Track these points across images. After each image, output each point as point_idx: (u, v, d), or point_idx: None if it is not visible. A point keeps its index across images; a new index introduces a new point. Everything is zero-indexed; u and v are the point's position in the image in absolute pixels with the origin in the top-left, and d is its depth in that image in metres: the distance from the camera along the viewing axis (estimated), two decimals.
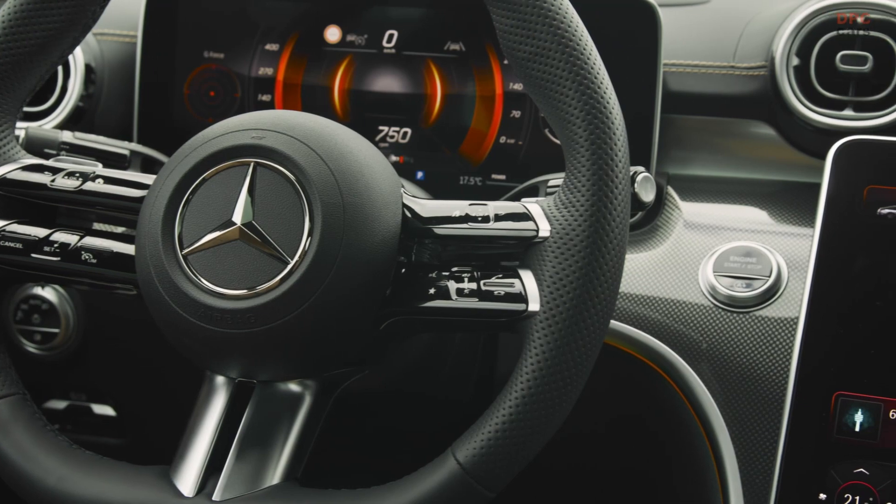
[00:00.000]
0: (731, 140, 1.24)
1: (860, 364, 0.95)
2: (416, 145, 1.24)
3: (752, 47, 1.19)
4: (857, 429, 0.93)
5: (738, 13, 1.25)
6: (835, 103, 1.14)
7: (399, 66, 1.24)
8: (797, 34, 1.15)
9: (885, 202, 1.01)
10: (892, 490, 0.90)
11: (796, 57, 1.15)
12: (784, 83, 1.15)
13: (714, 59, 1.22)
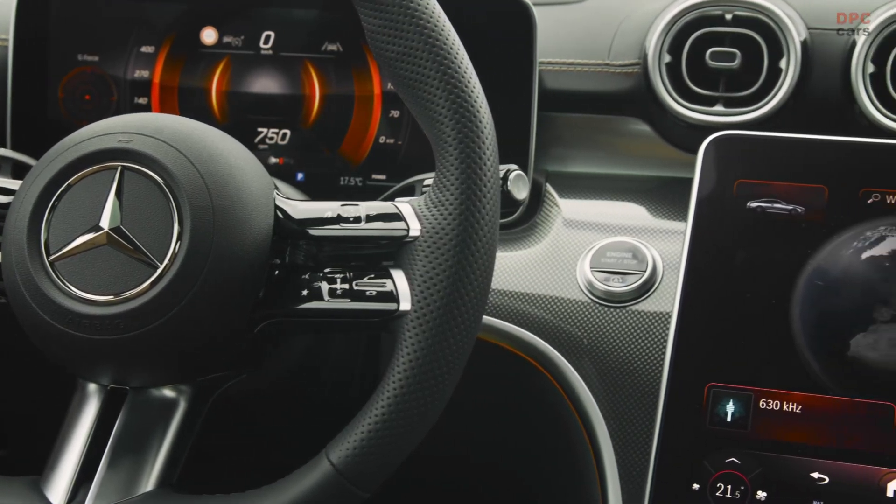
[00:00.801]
0: (608, 137, 1.25)
1: (732, 355, 0.97)
2: (295, 146, 1.24)
3: (626, 45, 1.21)
4: (729, 419, 0.95)
5: (613, 11, 1.27)
6: (706, 99, 1.16)
7: (277, 68, 1.24)
8: (668, 32, 1.17)
9: (755, 196, 1.03)
10: (762, 478, 0.92)
11: (668, 54, 1.17)
12: (657, 80, 1.16)
13: (589, 58, 1.23)
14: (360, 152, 1.22)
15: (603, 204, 1.20)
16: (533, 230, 1.17)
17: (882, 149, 1.04)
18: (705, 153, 1.05)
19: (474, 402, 1.15)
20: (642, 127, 1.22)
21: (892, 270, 0.97)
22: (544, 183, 1.21)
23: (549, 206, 1.19)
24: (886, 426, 0.92)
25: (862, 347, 0.95)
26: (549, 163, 1.24)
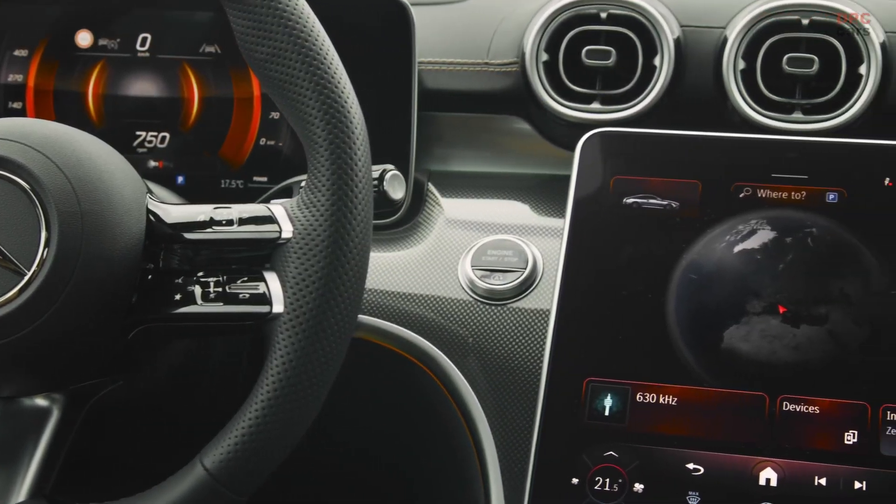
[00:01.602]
0: (489, 136, 1.26)
1: (609, 350, 0.98)
2: (175, 149, 1.22)
3: (505, 45, 1.22)
4: (607, 413, 0.96)
5: (492, 11, 1.27)
6: (584, 97, 1.17)
7: (154, 70, 1.22)
8: (545, 31, 1.17)
9: (631, 192, 1.04)
10: (639, 471, 0.93)
11: (545, 53, 1.17)
12: (534, 79, 1.17)
13: (469, 57, 1.23)
14: (240, 154, 1.21)
15: (485, 202, 1.21)
16: (415, 230, 1.17)
17: (753, 144, 1.06)
18: (582, 150, 1.07)
19: (359, 402, 1.15)
20: (523, 125, 1.23)
21: (764, 263, 0.99)
22: (426, 182, 1.21)
23: (431, 205, 1.19)
24: (759, 416, 0.94)
25: (735, 339, 0.97)
26: (431, 162, 1.25)
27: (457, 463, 1.08)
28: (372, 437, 1.25)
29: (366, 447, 1.27)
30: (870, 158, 1.02)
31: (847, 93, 1.11)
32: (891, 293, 0.96)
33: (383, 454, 1.27)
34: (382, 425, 1.23)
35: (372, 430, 1.24)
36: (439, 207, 1.18)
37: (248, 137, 1.21)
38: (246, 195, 1.21)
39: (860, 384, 0.94)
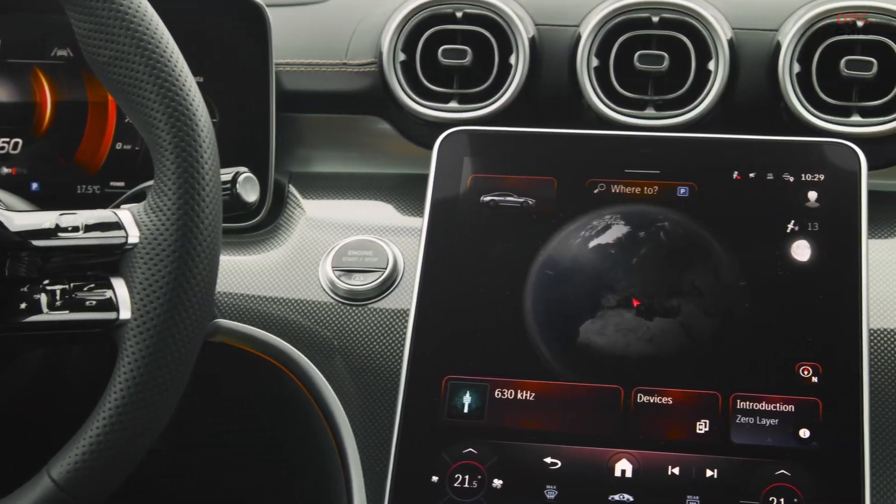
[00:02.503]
0: (350, 136, 1.25)
1: (468, 348, 0.98)
2: (28, 155, 1.20)
3: (363, 45, 1.22)
4: (466, 410, 0.97)
5: (352, 12, 1.27)
6: (441, 96, 1.17)
7: (4, 75, 1.20)
8: (401, 31, 1.18)
9: (488, 189, 1.05)
10: (498, 466, 0.94)
11: (402, 53, 1.18)
12: (392, 78, 1.17)
13: (328, 58, 1.23)
14: (96, 159, 1.19)
15: (347, 203, 1.21)
16: (276, 232, 1.16)
17: (607, 140, 1.07)
18: (439, 149, 1.07)
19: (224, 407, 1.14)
20: (383, 125, 1.23)
21: (618, 257, 1.01)
22: (287, 184, 1.20)
23: (292, 207, 1.18)
24: (614, 408, 0.95)
25: (590, 333, 0.98)
26: (292, 164, 1.24)
27: (321, 465, 1.08)
28: (237, 442, 1.24)
29: (231, 451, 1.26)
30: (719, 152, 1.04)
31: (697, 89, 1.13)
32: (740, 285, 0.98)
33: (248, 458, 1.26)
34: (247, 429, 1.22)
35: (237, 435, 1.23)
36: (301, 209, 1.18)
37: (104, 142, 1.19)
38: (102, 201, 1.18)
39: (711, 374, 0.95)
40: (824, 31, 1.12)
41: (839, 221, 0.99)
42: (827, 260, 0.98)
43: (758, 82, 1.14)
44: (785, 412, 0.93)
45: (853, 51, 1.12)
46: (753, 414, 0.93)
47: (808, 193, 1.00)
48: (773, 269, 0.98)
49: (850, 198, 1.00)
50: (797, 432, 0.92)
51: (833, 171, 1.01)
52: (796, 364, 0.94)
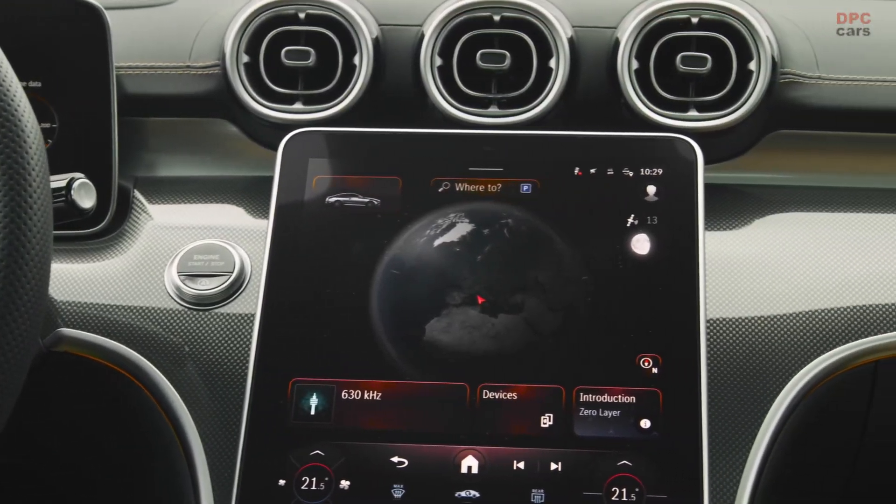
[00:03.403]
0: (197, 139, 1.24)
1: (315, 350, 0.98)
2: None
3: (207, 47, 1.20)
4: (313, 412, 0.96)
5: (197, 14, 1.26)
6: (286, 98, 1.17)
7: None
8: (244, 32, 1.17)
9: (333, 190, 1.05)
10: (345, 467, 0.94)
11: (246, 55, 1.17)
12: (235, 80, 1.17)
13: (172, 60, 1.21)
14: None
15: (194, 207, 1.19)
16: (121, 239, 1.14)
17: (450, 139, 1.08)
18: (284, 151, 1.07)
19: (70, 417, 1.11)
20: (230, 128, 1.22)
21: (463, 255, 1.01)
22: (132, 189, 1.18)
23: (137, 213, 1.17)
24: (460, 406, 0.96)
25: (436, 332, 0.98)
26: (138, 169, 1.22)
27: (170, 474, 1.06)
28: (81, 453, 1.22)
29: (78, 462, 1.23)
30: (561, 149, 1.05)
31: (539, 87, 1.15)
32: (582, 279, 0.99)
33: (96, 468, 1.24)
34: (93, 441, 1.20)
35: (84, 444, 1.21)
36: (146, 215, 1.16)
37: None
38: None
39: (555, 368, 0.97)
40: (661, 27, 1.14)
41: (677, 214, 1.01)
42: (665, 253, 1.00)
43: (598, 79, 1.16)
44: (626, 404, 0.95)
45: (689, 47, 1.14)
46: (596, 406, 0.95)
47: (646, 188, 1.02)
48: (614, 263, 1.00)
49: (687, 191, 1.02)
50: (638, 423, 0.94)
51: (671, 166, 1.03)
52: (637, 356, 0.96)
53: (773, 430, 0.99)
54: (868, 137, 1.20)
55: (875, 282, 1.06)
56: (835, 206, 1.17)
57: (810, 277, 1.06)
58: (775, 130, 1.18)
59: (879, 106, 1.17)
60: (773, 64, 1.13)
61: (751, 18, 1.14)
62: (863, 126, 1.19)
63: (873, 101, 1.16)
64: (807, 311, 1.04)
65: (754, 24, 1.14)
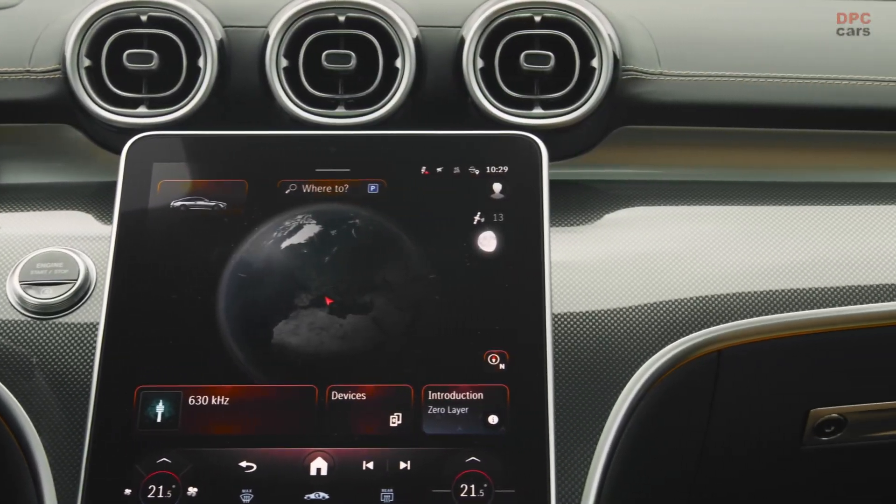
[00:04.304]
0: (41, 145, 1.22)
1: (160, 356, 0.97)
2: None
3: (48, 51, 1.18)
4: (159, 419, 0.95)
5: (40, 17, 1.23)
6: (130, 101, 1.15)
7: None
8: (84, 35, 1.15)
9: (179, 195, 1.03)
10: (193, 474, 0.93)
11: (87, 58, 1.15)
12: (77, 84, 1.14)
13: (10, 65, 1.18)
14: None
15: (38, 215, 1.17)
16: None
17: (296, 140, 1.08)
18: (127, 156, 1.05)
19: None
20: (76, 133, 1.20)
21: (310, 257, 1.01)
22: None
23: None
24: (309, 408, 0.96)
25: (284, 334, 0.98)
26: None
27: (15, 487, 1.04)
28: None
29: None
30: (407, 149, 1.06)
31: (386, 87, 1.15)
32: (429, 278, 1.00)
33: None
34: None
35: None
36: None
37: None
38: None
39: (404, 367, 0.97)
40: (505, 26, 1.15)
41: (522, 211, 1.02)
42: (512, 249, 1.01)
43: (445, 78, 1.17)
44: (474, 400, 0.95)
45: (533, 45, 1.15)
46: (444, 404, 0.95)
47: (492, 185, 1.03)
48: (462, 261, 1.00)
49: (532, 188, 1.03)
50: (486, 419, 0.95)
51: (516, 163, 1.04)
52: (485, 352, 0.97)
53: (619, 422, 1.00)
54: (711, 132, 1.23)
55: (716, 273, 1.08)
56: (679, 200, 1.19)
57: (654, 270, 1.08)
58: (620, 126, 1.20)
59: (719, 100, 1.19)
60: (615, 61, 1.15)
61: (592, 17, 1.15)
62: (705, 120, 1.21)
63: (713, 95, 1.19)
64: (651, 304, 1.06)
65: (596, 22, 1.15)
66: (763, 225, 1.14)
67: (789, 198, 1.19)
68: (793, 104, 1.20)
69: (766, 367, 1.11)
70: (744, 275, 1.09)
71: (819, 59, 1.23)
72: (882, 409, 1.20)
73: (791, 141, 1.23)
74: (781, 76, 1.20)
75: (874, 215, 1.16)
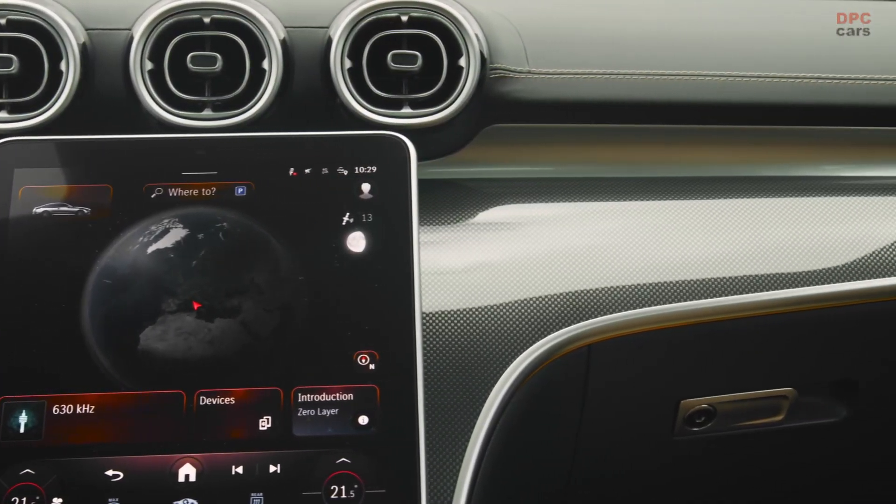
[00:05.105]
0: None
1: (24, 366, 0.95)
2: None
3: None
4: (22, 430, 0.93)
5: None
6: None
7: None
8: None
9: (41, 201, 1.01)
10: (58, 485, 0.91)
11: None
12: None
13: None
14: None
15: None
16: None
17: (162, 144, 1.06)
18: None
19: None
20: None
21: (177, 261, 1.00)
22: None
23: None
24: (177, 414, 0.95)
25: (151, 340, 0.97)
26: None
27: None
28: None
29: None
30: (275, 150, 1.05)
31: (253, 88, 1.14)
32: (298, 279, 0.99)
33: None
34: None
35: None
36: None
37: None
38: None
39: (273, 370, 0.96)
40: (372, 26, 1.15)
41: (391, 211, 1.02)
42: (381, 249, 1.01)
43: (314, 79, 1.16)
44: (344, 401, 0.95)
45: (401, 45, 1.15)
46: (314, 406, 0.95)
47: (361, 186, 1.03)
48: (331, 262, 1.00)
49: (401, 188, 1.03)
50: (356, 420, 0.95)
51: (384, 163, 1.04)
52: (355, 353, 0.97)
53: (491, 418, 1.01)
54: (582, 129, 1.24)
55: (587, 269, 1.09)
56: (550, 198, 1.20)
57: (525, 267, 1.09)
58: (490, 125, 1.20)
59: (587, 97, 1.21)
60: (483, 60, 1.16)
61: (459, 16, 1.16)
62: (574, 118, 1.22)
63: (581, 93, 1.20)
64: (522, 300, 1.07)
65: (462, 21, 1.16)
66: (633, 220, 1.16)
67: (659, 193, 1.21)
68: (659, 100, 1.22)
69: (636, 361, 1.13)
70: (614, 270, 1.10)
71: (688, 56, 1.25)
72: (749, 399, 1.23)
73: (660, 136, 1.25)
74: (648, 73, 1.22)
75: (743, 209, 1.18)
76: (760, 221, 1.18)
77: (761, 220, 1.18)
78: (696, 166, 1.27)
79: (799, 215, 1.20)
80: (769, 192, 1.22)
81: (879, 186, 1.25)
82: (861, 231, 1.18)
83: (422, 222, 1.10)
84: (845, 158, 1.28)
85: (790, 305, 1.12)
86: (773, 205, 1.20)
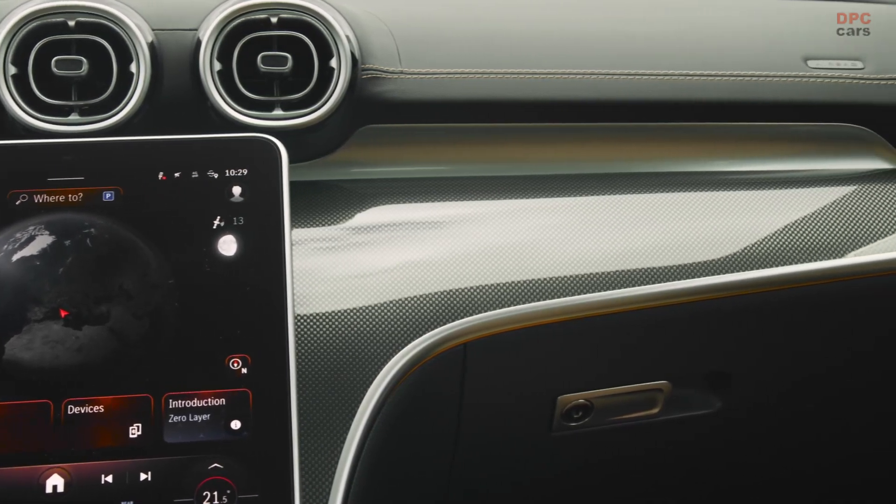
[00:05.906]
0: None
1: None
2: None
3: None
4: None
5: None
6: None
7: None
8: None
9: None
10: None
11: None
12: None
13: None
14: None
15: None
16: None
17: (26, 150, 1.04)
18: None
19: None
20: None
21: (43, 269, 0.98)
22: None
23: None
24: (44, 424, 0.93)
25: (17, 349, 0.95)
26: None
27: None
28: None
29: None
30: (143, 154, 1.04)
31: (120, 93, 1.12)
32: (168, 283, 0.98)
33: None
34: None
35: None
36: None
37: None
38: None
39: (143, 376, 0.95)
40: (241, 28, 1.15)
41: (263, 214, 1.01)
42: (252, 252, 1.00)
43: (184, 82, 1.15)
44: (216, 406, 0.94)
45: (271, 47, 1.15)
46: (186, 412, 0.94)
47: (232, 189, 1.02)
48: (202, 266, 0.99)
49: (272, 190, 1.03)
50: (229, 424, 0.94)
51: (255, 166, 1.03)
52: (226, 357, 0.96)
53: (367, 419, 1.01)
54: (457, 128, 1.25)
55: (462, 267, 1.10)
56: (427, 197, 1.21)
57: (400, 267, 1.09)
58: (364, 125, 1.20)
59: (459, 97, 1.21)
60: (354, 61, 1.15)
61: (329, 17, 1.15)
62: (447, 117, 1.23)
63: (453, 92, 1.21)
64: (397, 300, 1.07)
65: (332, 22, 1.15)
66: (508, 219, 1.17)
67: (535, 191, 1.22)
68: (531, 99, 1.23)
69: (512, 358, 1.14)
70: (489, 269, 1.11)
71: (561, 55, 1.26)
72: (625, 393, 1.24)
73: (536, 134, 1.26)
74: (520, 72, 1.23)
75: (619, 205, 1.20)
76: (635, 218, 1.19)
77: (636, 217, 1.20)
78: (578, 163, 1.28)
79: (674, 211, 1.21)
80: (641, 189, 1.24)
81: (756, 181, 1.27)
82: (739, 224, 1.20)
83: (296, 224, 1.09)
84: (726, 154, 1.30)
85: (660, 300, 1.14)
86: (643, 201, 1.21)
